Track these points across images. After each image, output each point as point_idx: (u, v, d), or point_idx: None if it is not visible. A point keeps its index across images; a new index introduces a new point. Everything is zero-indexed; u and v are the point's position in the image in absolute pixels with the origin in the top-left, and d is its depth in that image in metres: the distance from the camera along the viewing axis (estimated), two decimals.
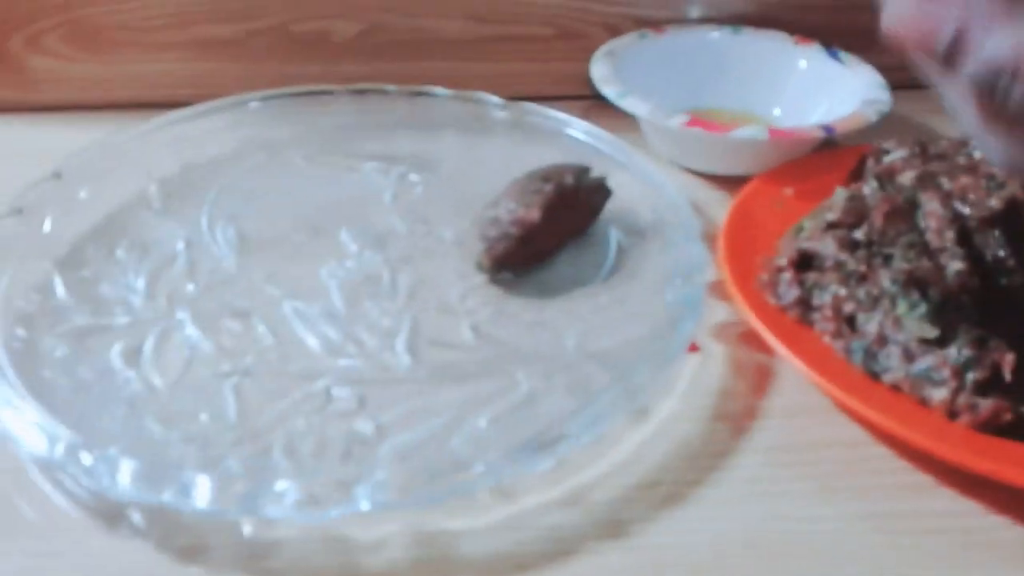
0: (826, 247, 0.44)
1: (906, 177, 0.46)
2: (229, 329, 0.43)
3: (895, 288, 0.41)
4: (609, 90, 0.56)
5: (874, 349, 0.40)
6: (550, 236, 0.47)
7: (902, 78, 0.36)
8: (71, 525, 0.35)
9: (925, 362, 0.39)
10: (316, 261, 0.48)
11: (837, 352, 0.41)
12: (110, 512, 0.35)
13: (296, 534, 0.35)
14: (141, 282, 0.46)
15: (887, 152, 0.49)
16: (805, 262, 0.44)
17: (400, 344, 0.43)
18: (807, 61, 0.62)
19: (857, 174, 0.50)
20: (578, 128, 0.55)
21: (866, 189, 0.47)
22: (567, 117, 0.56)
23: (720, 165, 0.56)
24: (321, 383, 0.41)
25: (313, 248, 0.49)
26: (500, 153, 0.56)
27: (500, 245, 0.46)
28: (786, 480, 0.38)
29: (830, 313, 0.42)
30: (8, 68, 0.61)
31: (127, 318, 0.44)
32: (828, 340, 0.42)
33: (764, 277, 0.45)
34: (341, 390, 0.40)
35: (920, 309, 0.40)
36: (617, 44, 0.61)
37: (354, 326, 0.44)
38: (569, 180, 0.48)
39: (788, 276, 0.44)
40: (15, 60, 0.61)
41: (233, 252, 0.48)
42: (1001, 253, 0.42)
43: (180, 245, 0.49)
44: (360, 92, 0.58)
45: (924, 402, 0.39)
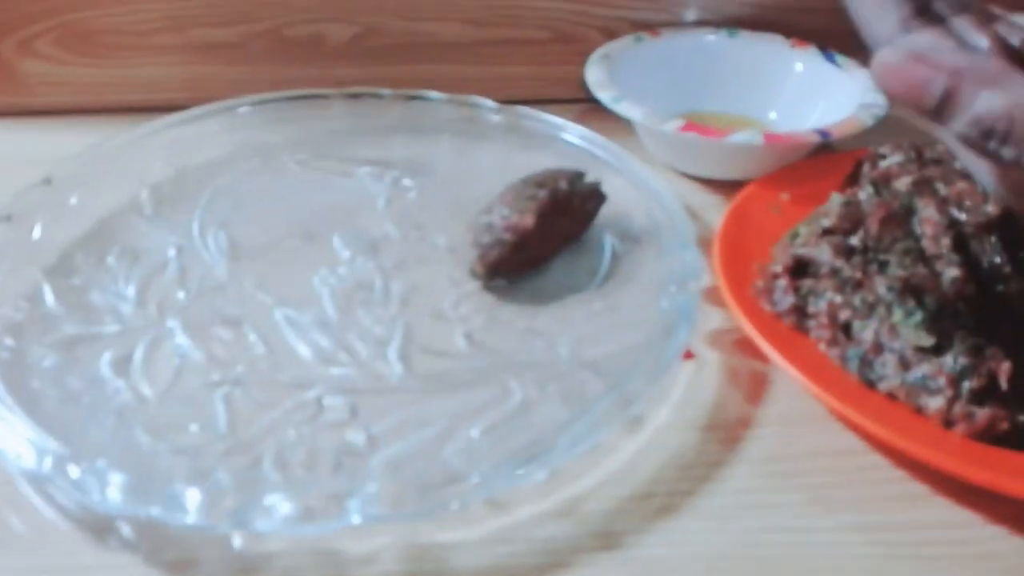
0: (822, 253, 0.44)
1: (902, 183, 0.46)
2: (220, 337, 0.43)
3: (891, 295, 0.41)
4: (604, 94, 0.55)
5: (870, 357, 0.40)
6: (544, 242, 0.47)
7: None
8: (60, 538, 0.35)
9: (921, 370, 0.39)
10: (308, 268, 0.47)
11: (832, 360, 0.41)
12: (99, 525, 0.35)
13: (287, 547, 0.35)
14: (131, 290, 0.46)
15: (883, 157, 0.49)
16: (800, 269, 0.44)
17: (392, 352, 0.43)
18: (803, 64, 0.61)
19: (853, 179, 0.50)
20: (573, 132, 0.55)
21: (862, 195, 0.47)
22: (562, 121, 0.56)
23: (716, 170, 0.56)
24: (312, 392, 0.40)
25: (305, 254, 0.49)
26: (494, 157, 0.56)
27: (494, 252, 0.46)
28: (781, 491, 0.38)
29: (825, 320, 0.42)
30: (0, 72, 0.61)
31: (117, 326, 0.44)
32: (823, 348, 0.42)
33: (759, 284, 0.44)
34: (333, 399, 0.40)
35: (916, 317, 0.40)
36: (613, 47, 0.61)
37: (346, 334, 0.43)
38: (563, 185, 0.48)
39: (783, 283, 0.44)
40: (7, 64, 0.61)
41: (224, 259, 0.48)
42: (997, 260, 0.42)
43: (171, 252, 0.48)
44: (354, 96, 0.58)
45: (920, 411, 0.38)
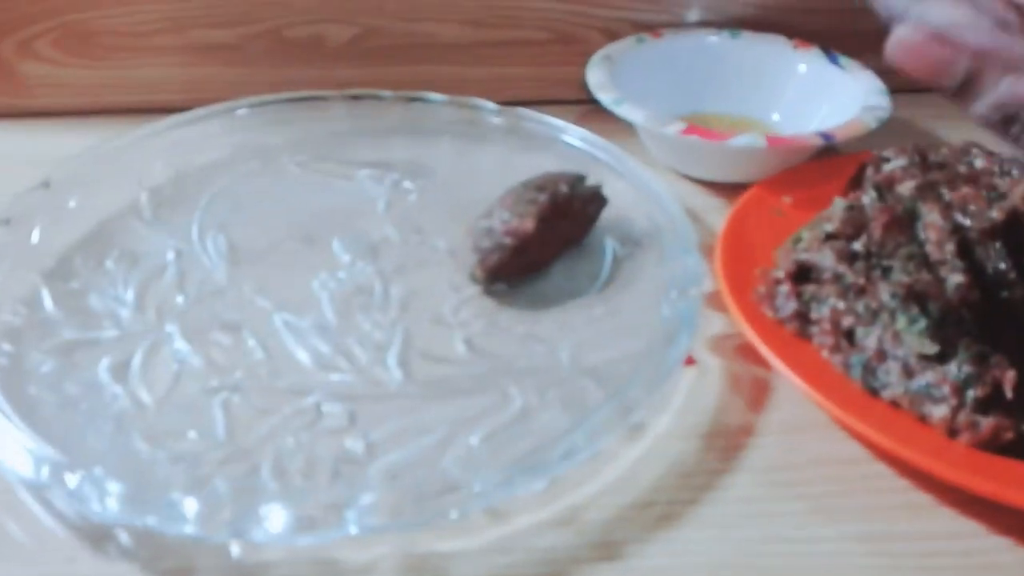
0: (824, 259, 0.43)
1: (906, 187, 0.45)
2: (218, 343, 0.43)
3: (894, 302, 0.40)
4: (605, 96, 0.55)
5: (873, 364, 0.40)
6: (544, 246, 0.47)
7: (902, 81, 0.35)
8: (59, 546, 0.35)
9: (925, 378, 0.38)
10: (308, 272, 0.47)
11: (835, 367, 0.41)
12: (97, 533, 0.35)
13: (285, 556, 0.34)
14: (130, 294, 0.45)
15: (887, 161, 0.48)
16: (803, 274, 0.44)
17: (392, 358, 0.42)
18: (806, 65, 0.61)
19: (856, 183, 0.49)
20: (574, 134, 0.55)
21: (865, 199, 0.46)
22: (563, 123, 0.55)
23: (718, 172, 0.55)
24: (311, 399, 0.40)
25: (305, 258, 0.48)
26: (495, 160, 0.55)
27: (494, 256, 0.45)
28: (783, 500, 0.37)
29: (828, 327, 0.42)
30: None
31: (115, 331, 0.43)
32: (826, 354, 0.41)
33: (761, 289, 0.44)
34: (331, 406, 0.40)
35: (920, 324, 0.39)
36: (614, 48, 0.60)
37: (345, 339, 0.43)
38: (564, 189, 0.47)
39: (786, 288, 0.43)
40: (6, 65, 0.60)
41: (224, 262, 0.48)
42: (1002, 266, 0.42)
43: (170, 255, 0.48)
44: (354, 98, 0.58)
45: (924, 419, 0.38)
